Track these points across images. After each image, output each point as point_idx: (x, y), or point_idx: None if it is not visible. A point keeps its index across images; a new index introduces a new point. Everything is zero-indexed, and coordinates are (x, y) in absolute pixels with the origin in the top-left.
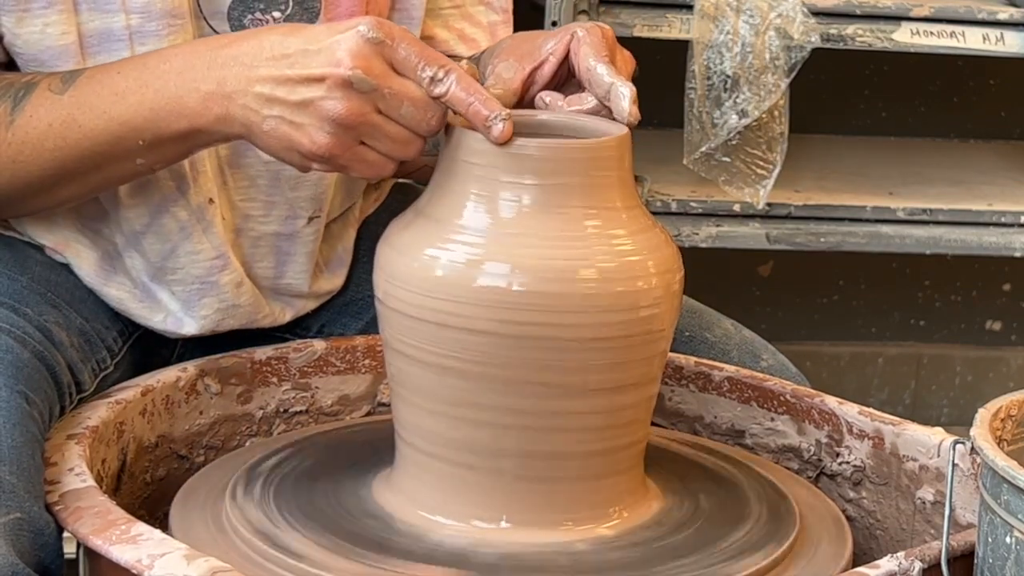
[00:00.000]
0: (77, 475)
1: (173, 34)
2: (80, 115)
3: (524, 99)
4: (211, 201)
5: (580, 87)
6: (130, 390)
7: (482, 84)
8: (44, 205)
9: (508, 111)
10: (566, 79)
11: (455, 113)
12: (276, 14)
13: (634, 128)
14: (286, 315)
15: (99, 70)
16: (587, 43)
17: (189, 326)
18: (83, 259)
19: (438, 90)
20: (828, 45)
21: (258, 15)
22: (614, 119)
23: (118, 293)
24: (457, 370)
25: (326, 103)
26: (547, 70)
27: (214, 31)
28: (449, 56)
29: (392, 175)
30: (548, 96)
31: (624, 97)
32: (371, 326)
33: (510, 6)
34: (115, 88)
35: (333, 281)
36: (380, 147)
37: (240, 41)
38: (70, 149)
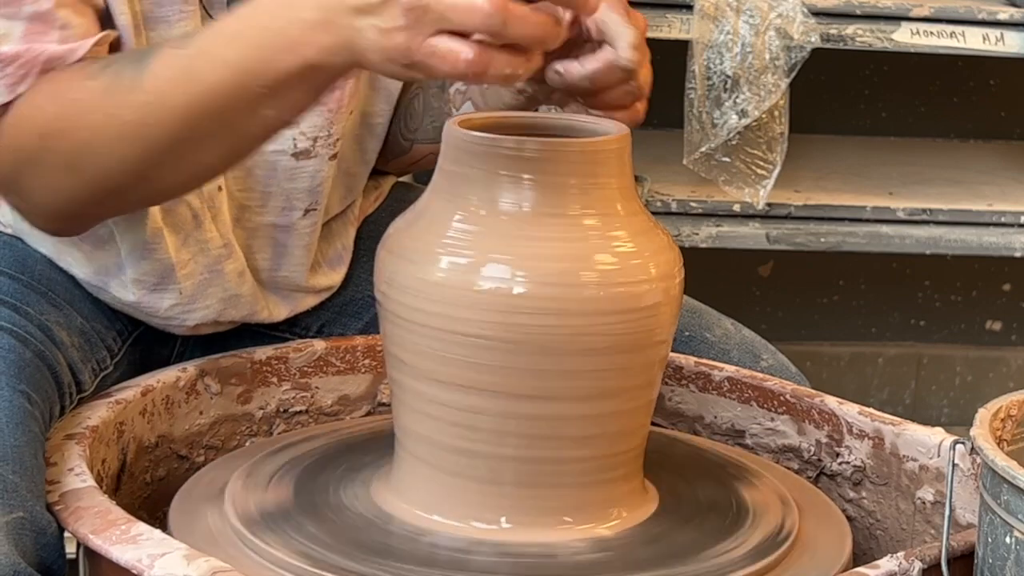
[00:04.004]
0: (77, 475)
1: (183, 21)
2: (200, 65)
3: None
4: (220, 188)
5: (592, 50)
6: (130, 390)
7: None
8: (187, 175)
9: None
10: (575, 43)
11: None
12: None
13: (631, 70)
14: (282, 311)
15: (219, 19)
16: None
17: (193, 317)
18: (76, 270)
19: None
20: (828, 45)
21: None
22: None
23: (115, 299)
24: (457, 371)
25: None
26: None
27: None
28: None
29: (487, 73)
30: (560, 65)
31: (622, 38)
32: (371, 326)
33: None
34: (228, 32)
35: (332, 277)
36: (458, 22)
37: None
38: (195, 103)
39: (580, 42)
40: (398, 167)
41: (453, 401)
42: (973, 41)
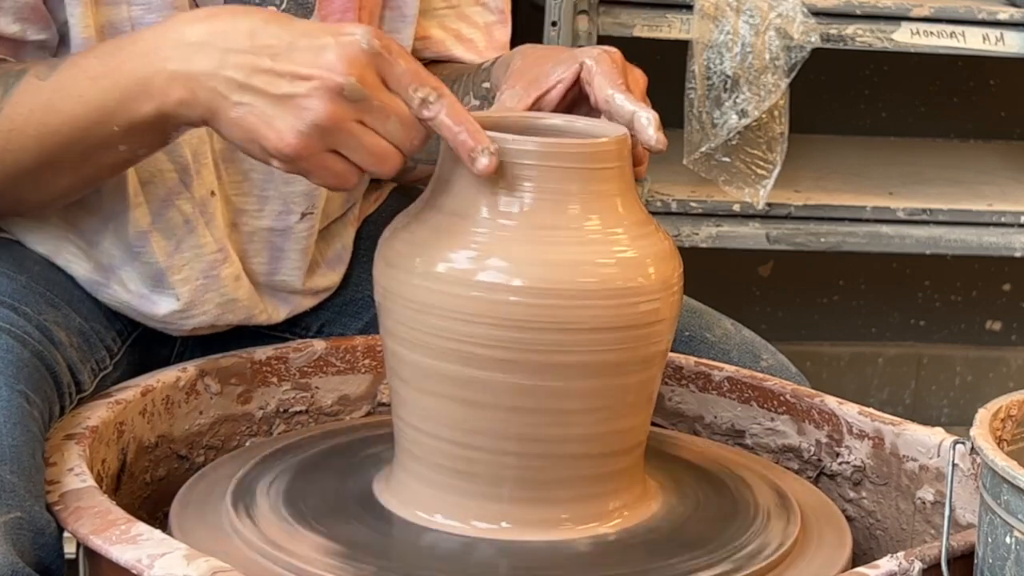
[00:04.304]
0: (77, 475)
1: None
2: (59, 100)
3: None
4: (212, 193)
5: (589, 111)
6: (130, 390)
7: (492, 102)
8: (48, 195)
9: (496, 145)
10: (574, 104)
11: (441, 138)
12: (271, 9)
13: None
14: (281, 313)
15: (80, 55)
16: (599, 72)
17: (190, 323)
18: (75, 268)
19: (427, 113)
20: (828, 45)
21: None
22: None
23: (115, 297)
24: (456, 371)
25: (308, 103)
26: (554, 95)
27: None
28: (447, 56)
29: (353, 187)
30: None
31: (649, 124)
32: (371, 326)
33: (507, 6)
34: (90, 72)
35: (330, 278)
36: (354, 157)
37: (212, 19)
38: (52, 135)
39: (581, 101)
40: (398, 182)
41: (453, 399)
42: (973, 41)
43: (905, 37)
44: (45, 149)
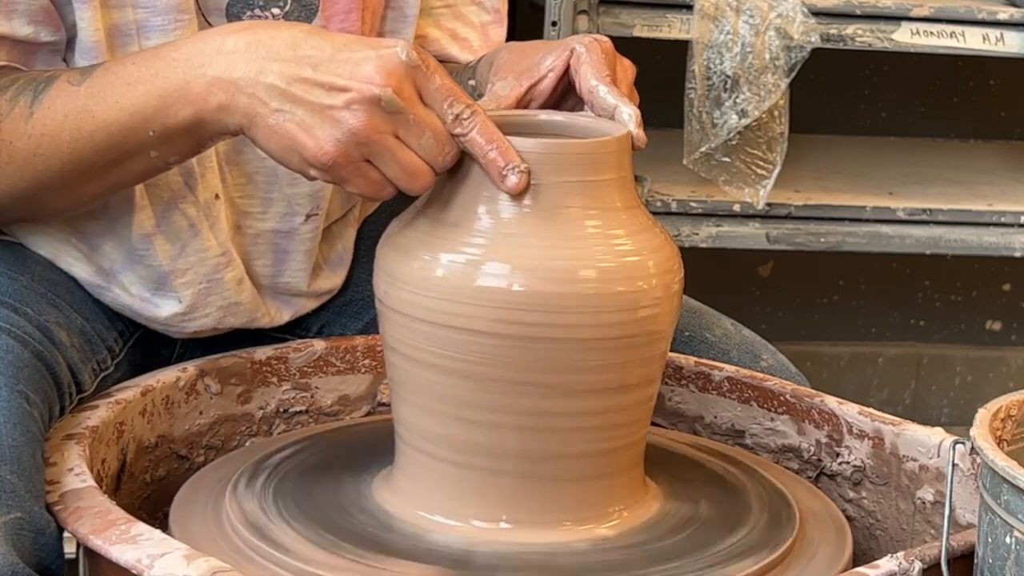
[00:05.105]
0: (77, 475)
1: (179, 29)
2: (94, 105)
3: None
4: (217, 197)
5: (580, 100)
6: (130, 390)
7: (478, 98)
8: (72, 202)
9: (526, 164)
10: (565, 93)
11: (471, 156)
12: (275, 10)
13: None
14: (284, 315)
15: (116, 61)
16: (587, 61)
17: (192, 325)
18: (76, 271)
19: (459, 129)
20: (828, 45)
21: (257, 11)
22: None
23: (116, 300)
24: (457, 370)
25: (345, 113)
26: (545, 85)
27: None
28: (442, 56)
29: (389, 197)
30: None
31: (630, 120)
32: (371, 326)
33: (503, 6)
34: (128, 77)
35: (333, 280)
36: (387, 170)
37: (255, 29)
38: (86, 141)
39: (572, 90)
40: None
41: (452, 400)
42: (973, 41)
43: (905, 37)
44: (77, 154)
